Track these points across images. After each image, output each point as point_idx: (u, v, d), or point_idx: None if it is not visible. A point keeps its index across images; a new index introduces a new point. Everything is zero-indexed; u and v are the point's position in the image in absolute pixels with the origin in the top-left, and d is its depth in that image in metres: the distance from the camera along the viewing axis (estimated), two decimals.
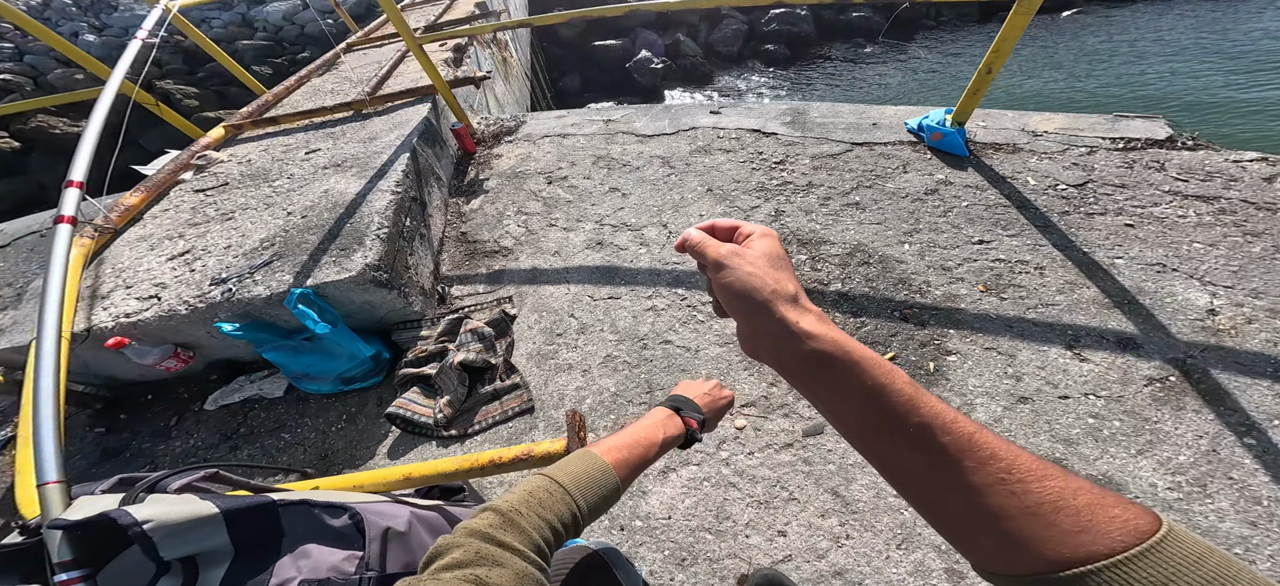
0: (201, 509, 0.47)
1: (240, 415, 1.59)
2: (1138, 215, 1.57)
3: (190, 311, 1.47)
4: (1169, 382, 1.17)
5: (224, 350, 1.66)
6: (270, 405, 1.60)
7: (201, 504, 0.48)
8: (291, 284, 1.50)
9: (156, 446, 1.57)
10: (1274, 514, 0.97)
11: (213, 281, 1.56)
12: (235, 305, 1.48)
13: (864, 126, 2.20)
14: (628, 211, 2.00)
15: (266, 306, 1.50)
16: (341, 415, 1.53)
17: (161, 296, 1.54)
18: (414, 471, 0.88)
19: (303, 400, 1.60)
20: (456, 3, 4.59)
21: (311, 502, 0.57)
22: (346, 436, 1.47)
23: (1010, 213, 1.66)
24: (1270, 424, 1.08)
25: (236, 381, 1.69)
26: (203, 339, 1.58)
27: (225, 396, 1.65)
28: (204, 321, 1.50)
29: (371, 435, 1.46)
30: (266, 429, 1.54)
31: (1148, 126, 1.91)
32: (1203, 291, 1.33)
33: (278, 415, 1.57)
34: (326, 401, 1.58)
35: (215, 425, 1.58)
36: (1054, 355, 1.27)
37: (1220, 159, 1.69)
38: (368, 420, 1.50)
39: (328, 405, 1.57)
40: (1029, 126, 2.02)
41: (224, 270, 1.58)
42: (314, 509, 0.56)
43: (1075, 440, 1.12)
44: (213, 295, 1.50)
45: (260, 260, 1.61)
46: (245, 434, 1.54)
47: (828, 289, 1.56)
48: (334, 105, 2.44)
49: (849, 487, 1.11)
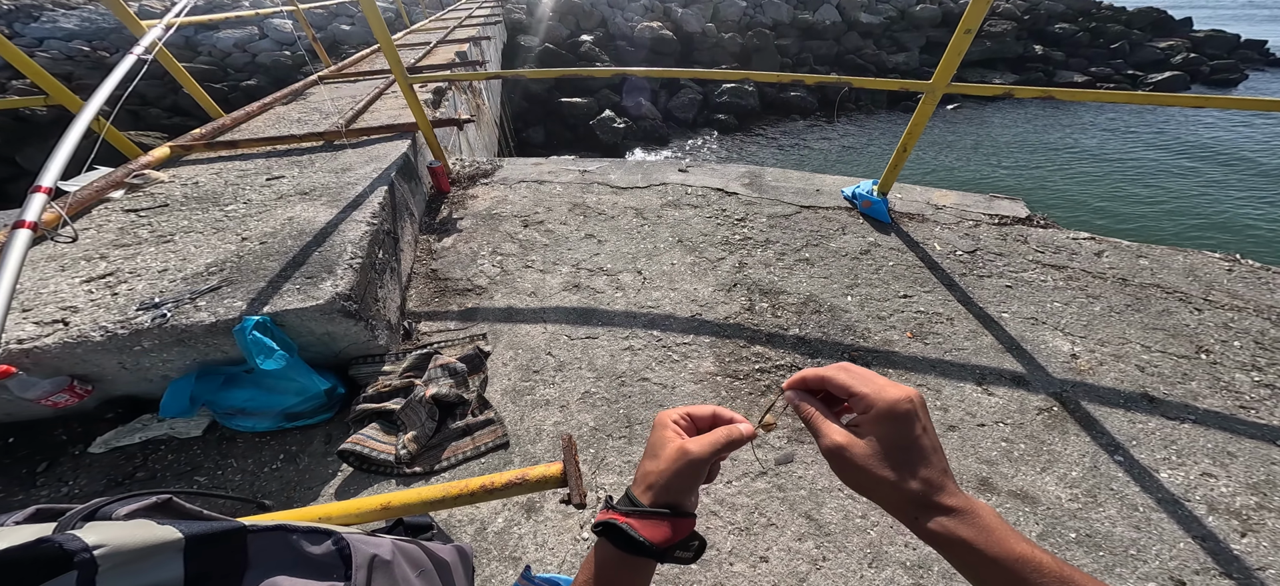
0: (161, 534, 0.41)
1: (137, 457, 1.37)
2: (1014, 278, 1.91)
3: (106, 338, 1.32)
4: (1053, 412, 1.41)
5: (132, 384, 1.45)
6: (182, 446, 1.41)
7: (161, 529, 0.42)
8: (244, 311, 1.41)
9: (12, 498, 1.28)
10: (1150, 518, 1.17)
11: (141, 306, 1.42)
12: (167, 333, 1.35)
13: (810, 191, 2.51)
14: (603, 257, 2.10)
15: (207, 335, 1.38)
16: (278, 454, 1.39)
17: (71, 321, 1.37)
18: (393, 500, 0.84)
19: (227, 439, 1.43)
20: (435, 49, 4.73)
21: (289, 528, 0.52)
22: (283, 478, 1.33)
23: (925, 272, 1.95)
24: (1130, 444, 1.33)
25: (139, 419, 1.45)
26: (110, 370, 1.39)
27: (121, 437, 1.41)
28: (123, 350, 1.34)
29: (316, 475, 1.33)
30: (174, 473, 1.34)
31: (1012, 206, 2.36)
32: (1065, 340, 1.64)
33: (191, 457, 1.38)
34: (259, 440, 1.42)
35: (101, 470, 1.35)
36: (969, 390, 1.48)
37: (1064, 236, 2.12)
38: (311, 459, 1.37)
39: (260, 444, 1.42)
40: (932, 201, 2.42)
41: (157, 295, 1.46)
42: (292, 535, 0.52)
43: (995, 461, 1.30)
44: (139, 321, 1.35)
45: (205, 285, 1.51)
46: (143, 479, 1.32)
47: (788, 333, 1.72)
48: (303, 134, 2.40)
49: (820, 511, 1.19)
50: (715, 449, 0.41)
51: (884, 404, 0.36)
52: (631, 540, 0.39)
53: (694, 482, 0.42)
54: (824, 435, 0.38)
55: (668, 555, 0.41)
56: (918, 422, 0.36)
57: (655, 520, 0.40)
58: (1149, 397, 1.45)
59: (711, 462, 0.42)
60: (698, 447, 0.41)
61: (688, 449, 0.41)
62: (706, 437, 0.42)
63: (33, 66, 2.05)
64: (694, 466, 0.41)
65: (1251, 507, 1.19)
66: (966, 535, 0.32)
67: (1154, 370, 1.53)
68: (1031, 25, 16.19)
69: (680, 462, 0.41)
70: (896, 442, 0.35)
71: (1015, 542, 0.32)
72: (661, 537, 0.40)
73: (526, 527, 1.18)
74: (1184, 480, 1.25)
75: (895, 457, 0.35)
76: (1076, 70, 14.58)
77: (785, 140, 11.44)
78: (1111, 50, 15.66)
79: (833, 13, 15.54)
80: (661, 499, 0.41)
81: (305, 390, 1.42)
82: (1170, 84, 13.68)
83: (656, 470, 0.42)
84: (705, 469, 0.42)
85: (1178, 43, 15.99)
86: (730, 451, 0.42)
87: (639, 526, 0.40)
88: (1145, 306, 1.76)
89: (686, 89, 12.25)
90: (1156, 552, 1.11)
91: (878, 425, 0.36)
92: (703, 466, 0.41)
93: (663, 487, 0.41)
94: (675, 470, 0.41)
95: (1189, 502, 1.20)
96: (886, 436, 0.36)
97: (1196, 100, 1.81)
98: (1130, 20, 17.24)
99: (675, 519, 0.41)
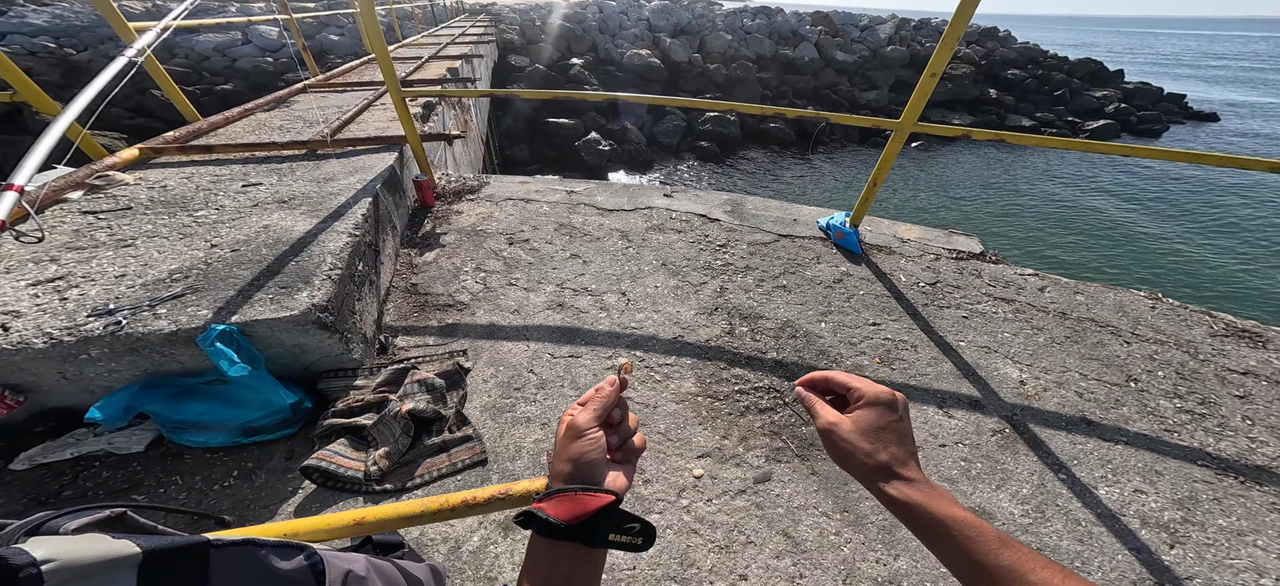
0: (116, 549, 0.38)
1: (67, 474, 1.25)
2: (970, 309, 2.03)
3: (50, 346, 1.23)
4: (1005, 433, 1.50)
5: (70, 396, 1.35)
6: (121, 462, 1.30)
7: (116, 543, 0.39)
8: (210, 319, 1.36)
9: None
10: (1091, 532, 1.26)
11: (94, 312, 1.35)
12: (121, 341, 1.27)
13: (788, 221, 2.62)
14: (588, 277, 2.12)
15: (165, 344, 1.31)
16: (232, 471, 1.31)
17: (11, 326, 1.29)
18: (367, 515, 0.82)
19: (174, 455, 1.33)
20: (427, 64, 4.75)
21: (258, 542, 0.50)
22: (236, 496, 1.25)
23: (891, 302, 2.05)
24: (1072, 463, 1.42)
25: (72, 433, 1.34)
26: (48, 380, 1.29)
27: (49, 452, 1.29)
28: (66, 359, 1.25)
29: (274, 493, 1.26)
30: (108, 490, 1.23)
31: (969, 242, 2.52)
32: (1014, 367, 1.75)
33: (131, 473, 1.28)
34: (211, 457, 1.34)
35: (22, 489, 1.22)
36: (931, 412, 1.56)
37: (1012, 272, 2.29)
38: (270, 476, 1.30)
39: (211, 461, 1.33)
40: (898, 234, 2.56)
41: (112, 301, 1.39)
42: (259, 550, 0.49)
43: (955, 479, 1.37)
44: (90, 328, 1.27)
45: (167, 292, 1.45)
46: (71, 498, 1.21)
47: (766, 356, 1.76)
48: (285, 141, 2.36)
49: (797, 528, 1.22)
50: (596, 410, 0.44)
51: (872, 394, 0.44)
52: (544, 523, 0.39)
53: (589, 451, 0.43)
54: (820, 417, 0.46)
55: (598, 537, 0.40)
56: (896, 412, 0.44)
57: (560, 497, 0.40)
58: (1087, 421, 1.56)
59: (599, 423, 0.44)
60: (582, 415, 0.44)
61: (573, 418, 0.44)
62: (586, 405, 0.45)
63: (1, 60, 1.97)
64: (578, 432, 0.43)
65: (1178, 521, 1.29)
66: (917, 498, 0.39)
67: (1091, 396, 1.65)
68: (987, 70, 17.50)
69: (570, 434, 0.44)
70: (876, 424, 0.43)
71: (959, 509, 0.38)
72: (569, 514, 0.39)
73: (503, 546, 1.16)
74: (1119, 496, 1.34)
75: (872, 436, 0.42)
76: (1024, 114, 15.78)
77: (764, 169, 11.89)
78: (1055, 97, 17.06)
79: (812, 50, 16.42)
80: (568, 477, 0.42)
81: (270, 404, 1.36)
82: (1104, 132, 14.99)
83: (556, 453, 0.45)
84: (596, 432, 0.43)
85: (1111, 93, 17.60)
86: (611, 404, 0.46)
87: (548, 507, 0.40)
88: (1082, 338, 1.90)
89: (671, 116, 12.61)
90: (1099, 564, 1.19)
91: (864, 411, 0.44)
92: (586, 430, 0.43)
93: (564, 463, 0.43)
94: (568, 441, 0.43)
95: (1124, 517, 1.29)
96: (869, 420, 0.43)
97: (1125, 149, 2.00)
98: (1072, 69, 18.88)
99: (583, 494, 0.40)
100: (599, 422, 0.44)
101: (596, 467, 0.43)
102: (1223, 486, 1.38)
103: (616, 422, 0.47)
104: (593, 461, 0.43)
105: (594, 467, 0.43)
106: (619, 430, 0.47)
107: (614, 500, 0.41)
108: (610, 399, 0.46)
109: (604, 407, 0.45)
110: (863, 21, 19.28)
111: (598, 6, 17.21)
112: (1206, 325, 1.99)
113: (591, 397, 0.46)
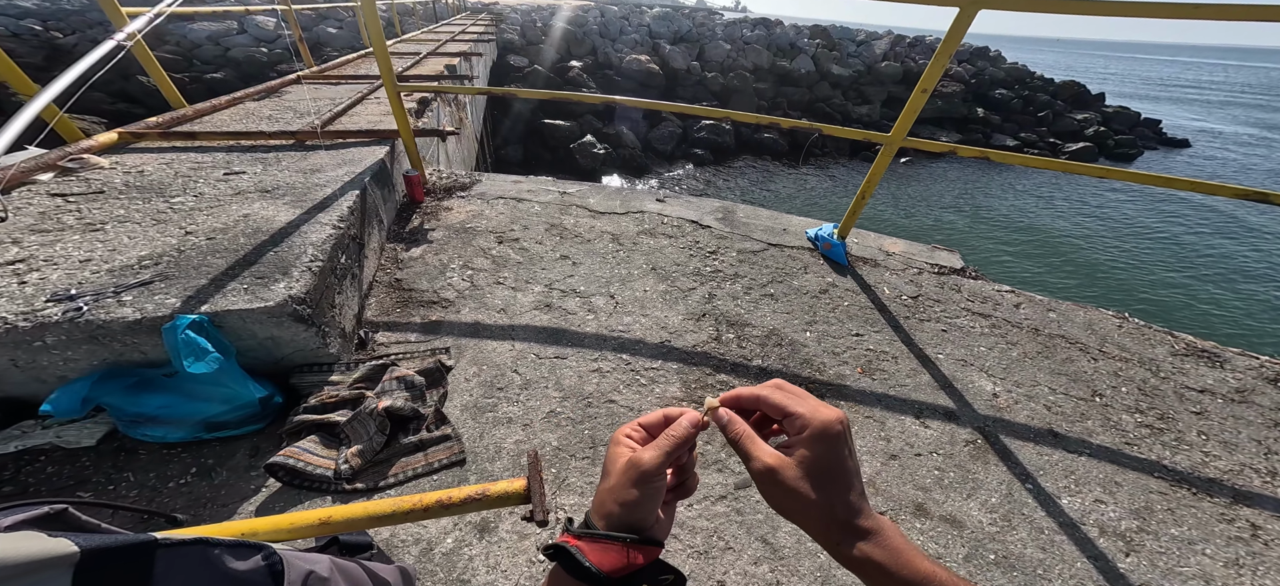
0: (52, 547, 0.36)
1: (8, 469, 1.19)
2: (948, 323, 2.06)
3: (4, 331, 1.17)
4: (977, 444, 1.53)
5: (20, 386, 1.28)
6: (68, 457, 1.24)
7: (52, 541, 0.36)
8: (178, 309, 1.31)
9: None
10: (1053, 540, 1.28)
11: (54, 297, 1.29)
12: (81, 328, 1.22)
13: (777, 230, 2.63)
14: (577, 279, 2.10)
15: (128, 333, 1.25)
16: (190, 468, 1.25)
17: None
18: (334, 514, 0.78)
19: (128, 451, 1.27)
20: (424, 60, 4.72)
21: (211, 541, 0.47)
22: (192, 494, 1.19)
23: (874, 313, 2.07)
24: (1038, 474, 1.46)
25: (19, 426, 1.26)
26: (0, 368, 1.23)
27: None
28: (20, 345, 1.19)
29: (234, 492, 1.21)
30: (52, 487, 1.17)
31: (950, 257, 2.57)
32: (989, 381, 1.79)
33: (78, 469, 1.22)
34: (168, 452, 1.28)
35: None
36: (909, 423, 1.58)
37: (990, 288, 2.33)
38: (232, 473, 1.25)
39: (167, 457, 1.27)
40: (883, 247, 2.59)
41: (75, 286, 1.34)
42: (212, 550, 0.46)
43: (929, 487, 1.39)
44: (49, 314, 1.21)
45: (134, 279, 1.40)
46: (9, 495, 1.15)
47: (752, 364, 1.76)
48: (273, 131, 2.32)
49: (775, 535, 1.21)
50: (666, 451, 0.38)
51: (819, 423, 0.35)
52: (579, 566, 0.35)
53: (652, 497, 0.38)
54: (755, 457, 0.37)
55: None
56: (846, 444, 0.36)
57: (608, 544, 0.36)
58: (1054, 433, 1.59)
59: (669, 468, 0.39)
60: (649, 455, 0.38)
61: (639, 458, 0.38)
62: (655, 443, 0.39)
63: None
64: (646, 476, 0.37)
65: (1134, 530, 1.32)
66: (880, 558, 0.33)
67: (1058, 409, 1.68)
68: (977, 89, 17.89)
69: (631, 474, 0.37)
70: (827, 465, 0.35)
71: (919, 561, 0.34)
72: (613, 565, 0.35)
73: (478, 548, 1.14)
74: (1080, 506, 1.37)
75: (824, 480, 0.35)
76: (1009, 134, 16.15)
77: (755, 178, 12.01)
78: (1038, 118, 17.50)
79: (808, 63, 16.64)
80: (618, 521, 0.37)
81: (236, 398, 1.30)
82: (1083, 154, 15.42)
83: (608, 488, 0.38)
84: (661, 479, 0.38)
85: (1091, 115, 18.12)
86: (684, 448, 0.39)
87: (588, 551, 0.35)
88: (1053, 354, 1.94)
89: (667, 122, 12.67)
90: (1059, 572, 1.21)
91: (810, 445, 0.35)
92: (655, 476, 0.38)
93: (617, 506, 0.37)
94: (626, 484, 0.37)
95: (1084, 526, 1.32)
96: (817, 459, 0.35)
97: (1102, 171, 2.05)
98: (1056, 91, 19.39)
99: (634, 546, 0.36)
100: (669, 466, 0.39)
101: (652, 516, 0.38)
102: (1176, 497, 1.42)
103: (681, 462, 0.42)
104: (651, 510, 0.38)
105: (649, 516, 0.38)
106: (682, 471, 0.43)
107: (659, 549, 0.38)
108: (687, 441, 0.39)
109: (677, 451, 0.39)
110: (860, 36, 19.61)
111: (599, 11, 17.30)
112: (1169, 344, 2.05)
113: (657, 424, 0.41)
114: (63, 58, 9.50)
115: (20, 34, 9.66)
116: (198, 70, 9.86)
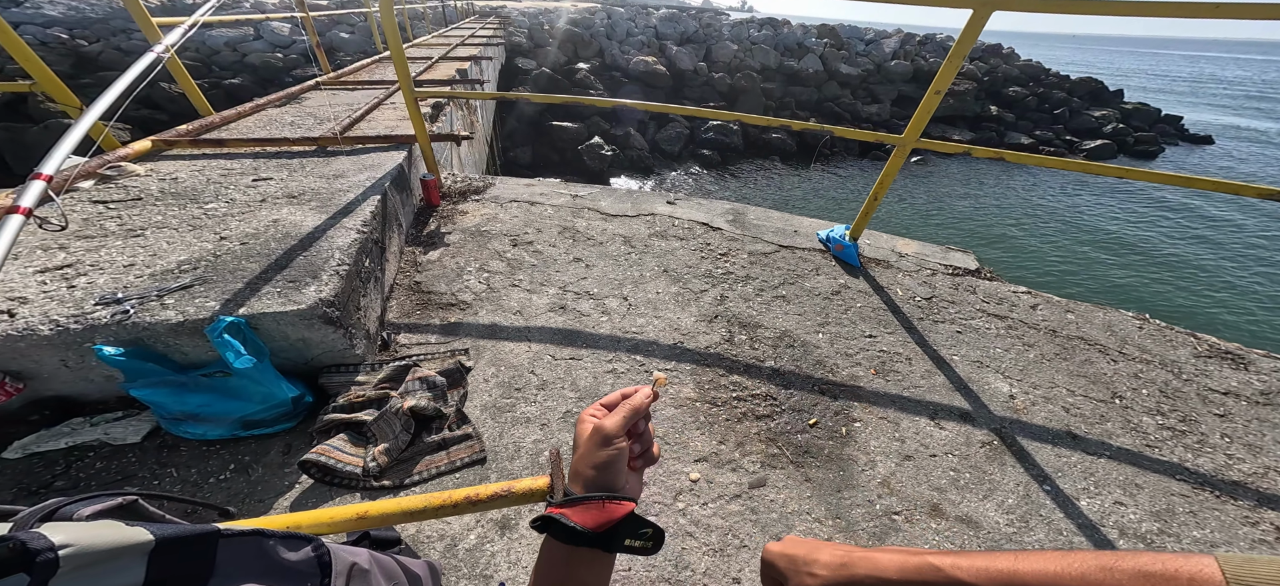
0: (131, 536, 0.39)
1: (59, 464, 1.26)
2: (963, 324, 2.06)
3: (56, 333, 1.24)
4: (993, 445, 1.53)
5: (69, 385, 1.36)
6: (115, 453, 1.31)
7: (130, 530, 0.39)
8: (217, 311, 1.38)
9: None
10: (1072, 542, 1.28)
11: (102, 300, 1.37)
12: (127, 329, 1.29)
13: (788, 232, 2.64)
14: (591, 281, 2.14)
15: (171, 334, 1.32)
16: (229, 464, 1.32)
17: (17, 313, 1.30)
18: (370, 510, 0.83)
19: (170, 447, 1.34)
20: (436, 65, 4.80)
21: (265, 533, 0.51)
22: (231, 489, 1.25)
23: (888, 315, 2.08)
24: (1056, 475, 1.46)
25: (68, 423, 1.34)
26: (50, 367, 1.30)
27: (44, 441, 1.29)
28: (70, 346, 1.26)
29: (269, 487, 1.27)
30: (100, 482, 1.24)
31: (964, 258, 2.55)
32: (1005, 382, 1.78)
33: (124, 465, 1.28)
34: (207, 449, 1.35)
35: (11, 477, 1.23)
36: (923, 424, 1.58)
37: (1006, 289, 2.31)
38: (267, 470, 1.31)
39: (208, 453, 1.34)
40: (896, 248, 2.59)
41: (121, 290, 1.41)
42: (268, 540, 0.50)
43: (944, 488, 1.39)
44: (97, 316, 1.29)
45: (176, 283, 1.47)
46: (62, 489, 1.20)
47: (764, 365, 1.78)
48: (296, 137, 2.39)
49: (790, 533, 1.23)
50: (625, 416, 0.45)
51: (822, 556, 0.42)
52: (567, 529, 0.40)
53: (617, 460, 0.44)
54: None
55: (614, 543, 0.41)
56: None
57: (586, 505, 0.42)
58: (1073, 435, 1.59)
59: (626, 434, 0.45)
60: (611, 421, 0.45)
61: (602, 425, 0.45)
62: (616, 410, 0.46)
63: (25, 50, 1.99)
64: (608, 438, 0.44)
65: (1154, 533, 1.32)
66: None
67: (1077, 411, 1.68)
68: (990, 86, 17.59)
69: (596, 438, 0.44)
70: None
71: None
72: (596, 522, 0.41)
73: (500, 544, 1.18)
74: (1100, 508, 1.37)
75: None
76: (1023, 132, 15.84)
77: (764, 179, 11.95)
78: (1054, 115, 17.14)
79: (816, 62, 16.53)
80: (593, 483, 0.43)
81: (271, 397, 1.37)
82: (1100, 152, 15.04)
83: (580, 455, 0.45)
84: (621, 442, 0.44)
85: (1110, 112, 17.68)
86: (639, 415, 0.46)
87: (572, 514, 0.41)
88: (1071, 355, 1.93)
89: (674, 123, 12.67)
90: None
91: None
92: (615, 439, 0.44)
93: (590, 469, 0.44)
94: (594, 447, 0.44)
95: (1104, 528, 1.32)
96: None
97: (1121, 171, 2.03)
98: (1072, 88, 18.97)
99: (610, 501, 0.42)
100: (626, 431, 0.45)
101: (620, 475, 0.44)
102: (1199, 500, 1.41)
103: (639, 432, 0.49)
104: (618, 470, 0.44)
105: (618, 475, 0.44)
106: (641, 439, 0.49)
107: (631, 504, 0.43)
108: (641, 409, 0.46)
109: (633, 417, 0.46)
110: (868, 35, 19.44)
111: (606, 12, 17.37)
112: (1191, 346, 2.02)
113: (616, 402, 0.48)
114: (88, 65, 9.79)
115: (48, 43, 9.98)
116: (216, 76, 10.10)
